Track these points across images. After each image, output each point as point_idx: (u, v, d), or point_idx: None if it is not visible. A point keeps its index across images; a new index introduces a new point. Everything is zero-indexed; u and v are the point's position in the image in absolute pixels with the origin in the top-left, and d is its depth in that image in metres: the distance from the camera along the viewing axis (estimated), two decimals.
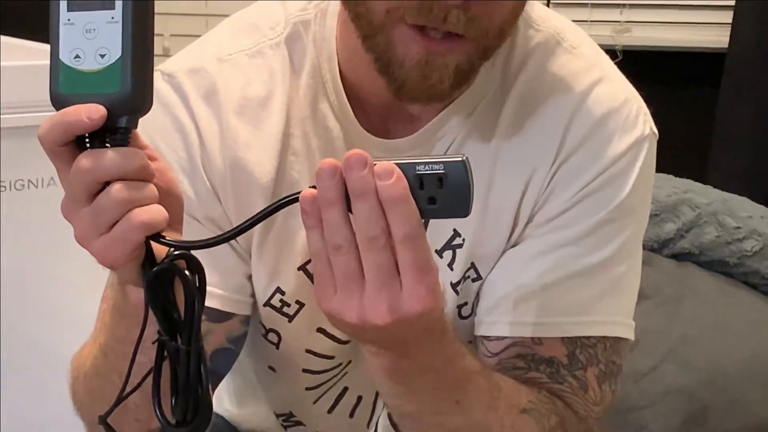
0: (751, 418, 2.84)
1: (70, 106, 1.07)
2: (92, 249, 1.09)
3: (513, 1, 1.32)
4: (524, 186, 1.42)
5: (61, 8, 1.10)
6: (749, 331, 2.93)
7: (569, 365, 1.40)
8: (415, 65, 1.30)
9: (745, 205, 3.08)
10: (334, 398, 1.56)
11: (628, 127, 1.43)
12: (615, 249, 1.42)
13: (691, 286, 2.94)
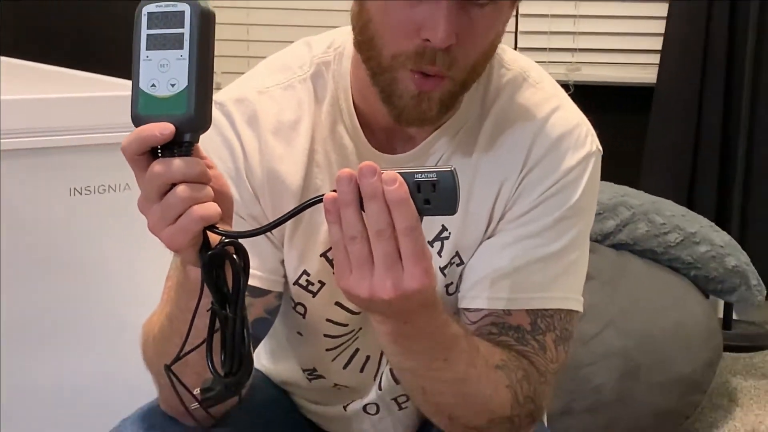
0: (673, 373, 2.87)
1: (146, 124, 1.11)
2: (162, 237, 1.12)
3: (484, 46, 1.33)
4: (497, 191, 1.42)
5: (141, 47, 1.13)
6: (673, 305, 2.98)
7: (532, 331, 1.39)
8: (410, 98, 1.31)
9: (669, 206, 3.14)
10: (348, 357, 1.53)
11: (578, 146, 1.43)
12: (568, 241, 1.42)
13: (627, 269, 2.99)
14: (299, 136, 1.44)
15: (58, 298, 1.80)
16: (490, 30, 1.33)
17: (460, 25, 1.27)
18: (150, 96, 1.14)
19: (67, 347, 1.81)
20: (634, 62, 3.86)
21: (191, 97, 1.13)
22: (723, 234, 3.16)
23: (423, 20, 1.27)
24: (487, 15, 1.29)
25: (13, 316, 1.77)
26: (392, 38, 1.31)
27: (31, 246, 1.78)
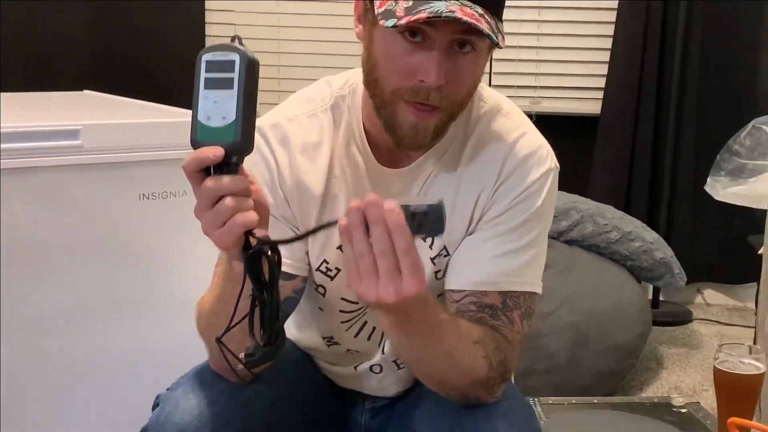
0: (612, 342, 2.86)
1: (202, 148, 1.12)
2: (212, 237, 1.14)
3: (468, 85, 1.34)
4: (476, 199, 1.43)
5: (200, 87, 1.14)
6: (612, 288, 2.97)
7: (503, 308, 1.39)
8: (409, 128, 1.32)
9: (610, 211, 3.13)
10: (358, 328, 1.53)
11: (540, 164, 1.43)
12: (531, 238, 1.42)
13: (577, 261, 2.98)
14: (321, 154, 1.45)
15: (127, 281, 1.80)
16: (472, 72, 1.34)
17: (449, 69, 1.28)
18: (206, 126, 1.15)
19: (134, 320, 1.80)
20: (583, 97, 3.83)
21: (238, 128, 1.14)
22: (652, 233, 3.16)
23: (418, 66, 1.28)
24: (469, 60, 1.31)
25: (92, 295, 1.77)
26: (395, 77, 1.31)
27: (108, 239, 1.78)
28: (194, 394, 1.37)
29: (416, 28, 1.27)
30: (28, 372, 1.72)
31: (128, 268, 1.79)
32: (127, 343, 1.78)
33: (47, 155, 1.69)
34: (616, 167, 3.71)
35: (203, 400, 1.36)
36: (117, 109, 2.00)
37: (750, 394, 1.63)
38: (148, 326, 1.79)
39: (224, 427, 1.35)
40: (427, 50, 1.28)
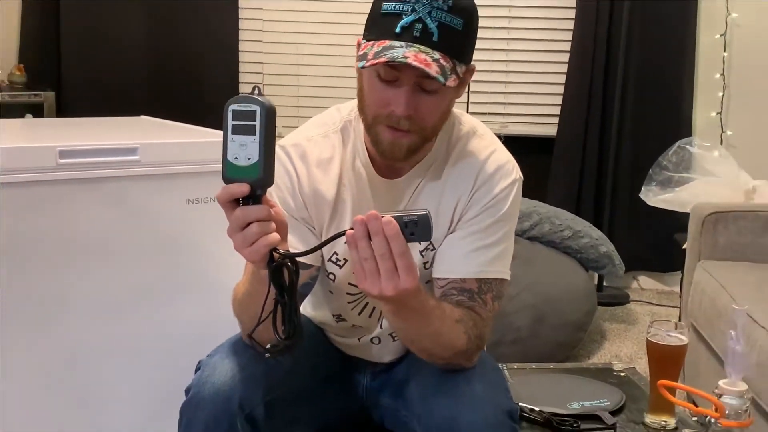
0: (565, 319, 2.86)
1: (231, 184, 1.13)
2: (242, 254, 1.16)
3: (434, 116, 1.34)
4: (456, 203, 1.42)
5: (228, 132, 1.14)
6: (566, 276, 2.98)
7: (479, 292, 1.39)
8: (387, 144, 1.34)
9: (564, 213, 3.14)
10: (362, 307, 1.52)
11: (506, 176, 1.43)
12: (500, 236, 1.41)
13: (537, 254, 2.98)
14: (332, 167, 1.45)
15: (176, 270, 1.79)
16: (437, 105, 1.34)
17: (416, 103, 1.30)
18: (233, 165, 1.15)
19: (181, 302, 1.80)
20: (542, 122, 3.82)
21: (261, 167, 1.14)
22: (597, 231, 3.17)
23: (391, 98, 1.30)
24: (434, 98, 1.32)
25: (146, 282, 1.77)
26: (373, 106, 1.33)
27: (159, 236, 1.77)
28: (228, 360, 1.37)
29: (389, 69, 1.28)
30: (97, 346, 1.72)
31: (176, 259, 1.79)
32: (175, 320, 1.77)
33: (111, 168, 1.70)
34: (569, 179, 3.71)
35: (236, 365, 1.36)
36: (167, 130, 2.00)
37: (675, 362, 1.64)
38: (192, 307, 1.78)
39: (252, 386, 1.35)
40: (397, 87, 1.29)
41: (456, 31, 1.28)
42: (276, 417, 1.40)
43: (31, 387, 1.66)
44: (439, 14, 1.26)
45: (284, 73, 3.78)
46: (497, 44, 3.73)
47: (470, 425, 1.29)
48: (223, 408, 1.32)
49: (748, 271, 2.32)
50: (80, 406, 1.72)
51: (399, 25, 1.26)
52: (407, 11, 1.26)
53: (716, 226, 2.46)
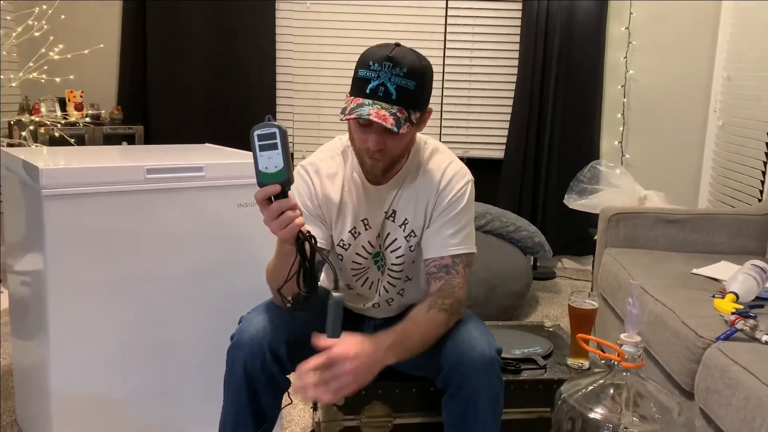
0: (510, 290, 2.85)
1: (265, 187, 1.16)
2: (279, 234, 1.18)
3: (400, 148, 1.35)
4: (426, 204, 1.42)
5: (257, 150, 1.16)
6: (510, 258, 2.94)
7: (452, 265, 1.39)
8: (368, 167, 1.37)
9: (509, 214, 3.11)
10: (364, 280, 1.51)
11: (462, 178, 1.43)
12: (464, 222, 1.42)
13: (490, 243, 2.95)
14: (337, 179, 1.45)
15: (228, 256, 1.77)
16: (401, 142, 1.36)
17: (383, 141, 1.31)
18: (265, 173, 1.16)
19: (233, 278, 1.77)
20: (493, 148, 3.80)
21: (285, 171, 1.16)
22: (533, 226, 3.16)
23: (366, 138, 1.31)
24: (398, 137, 1.32)
25: (206, 265, 1.75)
26: (356, 142, 1.36)
27: (218, 231, 1.75)
28: (261, 315, 1.39)
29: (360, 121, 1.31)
30: (173, 310, 1.71)
31: (230, 247, 1.76)
32: (228, 290, 1.75)
33: (184, 181, 1.68)
34: (512, 189, 3.69)
35: (266, 318, 1.38)
36: (224, 154, 1.99)
37: (589, 321, 1.64)
38: (240, 280, 1.75)
39: (277, 333, 1.37)
40: (370, 130, 1.31)
41: (410, 91, 1.29)
42: (296, 356, 1.39)
43: (126, 339, 1.65)
44: (396, 79, 1.27)
45: (308, 113, 3.77)
46: (461, 92, 3.72)
47: (473, 358, 1.30)
48: (257, 350, 1.34)
49: (641, 256, 2.33)
50: (158, 355, 1.71)
51: (368, 88, 1.28)
52: (373, 77, 1.28)
53: (618, 223, 2.47)
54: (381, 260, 1.50)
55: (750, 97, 3.20)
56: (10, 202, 1.81)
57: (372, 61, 1.28)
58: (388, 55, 1.28)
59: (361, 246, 1.47)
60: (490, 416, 1.32)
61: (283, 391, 1.42)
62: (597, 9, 3.56)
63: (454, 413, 1.33)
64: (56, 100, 3.45)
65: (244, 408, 1.36)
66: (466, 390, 1.31)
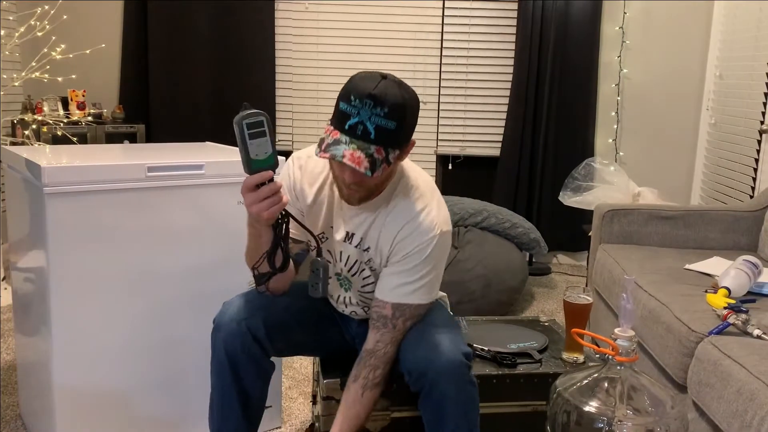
0: (506, 285, 2.84)
1: (258, 173, 1.18)
2: (264, 215, 1.20)
3: (376, 182, 1.29)
4: (391, 241, 1.36)
5: (246, 137, 1.16)
6: (506, 254, 2.94)
7: (392, 318, 1.34)
8: (345, 194, 1.33)
9: (504, 210, 3.11)
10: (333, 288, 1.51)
11: (430, 230, 1.34)
12: (423, 274, 1.34)
13: (486, 239, 2.94)
14: (319, 179, 1.43)
15: (226, 251, 1.75)
16: (378, 178, 1.28)
17: (360, 177, 1.26)
18: (256, 160, 1.17)
19: (229, 271, 1.77)
20: (490, 146, 3.78)
21: (274, 156, 1.19)
22: (529, 223, 3.16)
23: (342, 170, 1.26)
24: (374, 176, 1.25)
25: (208, 258, 1.74)
26: (333, 172, 1.33)
27: (218, 227, 1.75)
28: (239, 299, 1.42)
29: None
30: (174, 303, 1.71)
31: (228, 243, 1.76)
32: (224, 284, 1.74)
33: (184, 179, 1.68)
34: (509, 186, 3.67)
35: (244, 301, 1.41)
36: (223, 152, 1.98)
37: (584, 315, 1.64)
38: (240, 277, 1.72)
39: (255, 314, 1.38)
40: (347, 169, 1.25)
41: (390, 131, 1.21)
42: (277, 341, 1.41)
43: (128, 334, 1.65)
44: (376, 119, 1.20)
45: (308, 111, 3.76)
46: (457, 91, 3.71)
47: (439, 365, 1.29)
48: (236, 330, 1.36)
49: (635, 251, 2.33)
50: (158, 351, 1.71)
51: (347, 124, 1.21)
52: (354, 114, 1.21)
53: (612, 219, 2.46)
54: (344, 281, 1.48)
55: (741, 95, 3.20)
56: (13, 200, 1.81)
57: (354, 96, 1.20)
58: (370, 92, 1.19)
59: (327, 251, 1.46)
60: (463, 420, 1.31)
61: (267, 373, 1.43)
62: (591, 9, 3.55)
63: (428, 417, 1.33)
64: (59, 99, 3.44)
65: (228, 388, 1.38)
66: (434, 396, 1.30)
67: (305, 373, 2.31)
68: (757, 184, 2.96)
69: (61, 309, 1.55)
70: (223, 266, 1.75)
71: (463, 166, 3.70)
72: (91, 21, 3.61)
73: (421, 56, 3.69)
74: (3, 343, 2.42)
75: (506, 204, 3.56)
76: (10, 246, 1.89)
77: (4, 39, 2.83)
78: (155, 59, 3.61)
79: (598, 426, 1.20)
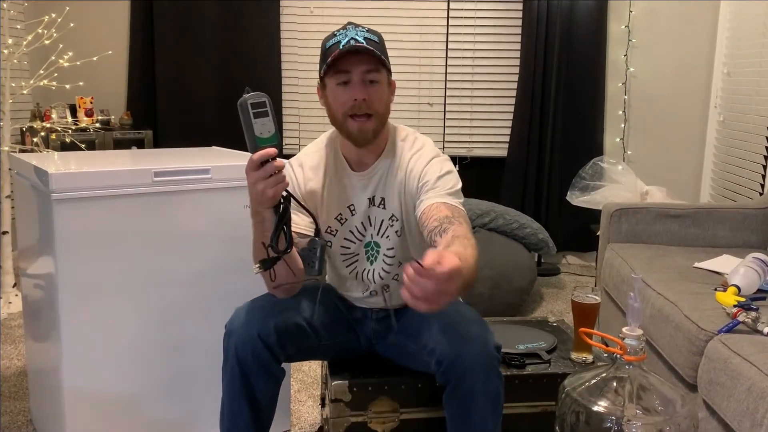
0: (514, 286, 2.84)
1: (265, 149, 1.21)
2: (267, 194, 1.22)
3: (381, 99, 1.38)
4: (405, 181, 1.42)
5: (252, 119, 1.21)
6: (514, 255, 2.93)
7: (453, 216, 1.33)
8: (357, 131, 1.38)
9: (512, 211, 3.10)
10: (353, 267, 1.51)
11: (431, 152, 1.44)
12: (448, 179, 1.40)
13: (494, 240, 2.94)
14: (320, 170, 1.48)
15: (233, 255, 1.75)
16: (382, 92, 1.39)
17: (366, 91, 1.36)
18: (261, 138, 1.22)
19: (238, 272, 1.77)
20: (496, 147, 3.78)
21: (277, 136, 1.22)
22: (537, 223, 3.14)
23: (350, 92, 1.34)
24: (378, 87, 1.38)
25: (214, 261, 1.75)
26: (340, 108, 1.37)
27: (224, 231, 1.75)
28: (250, 305, 1.43)
29: (342, 78, 1.35)
30: (181, 306, 1.71)
31: (235, 246, 1.75)
32: (231, 287, 1.73)
33: (191, 183, 1.69)
34: (516, 186, 3.68)
35: (256, 307, 1.42)
36: (230, 156, 1.99)
37: (592, 315, 1.64)
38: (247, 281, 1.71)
39: (265, 320, 1.38)
40: (352, 85, 1.35)
41: (376, 42, 1.37)
42: (288, 346, 1.41)
43: (136, 338, 1.66)
44: (362, 34, 1.36)
45: (314, 115, 3.77)
46: (463, 93, 3.71)
47: (471, 355, 1.29)
48: (247, 336, 1.36)
49: (643, 250, 2.31)
50: (167, 354, 1.72)
51: (340, 45, 1.34)
52: (343, 36, 1.36)
53: (620, 218, 2.46)
54: (372, 248, 1.50)
55: (750, 92, 3.18)
56: (22, 206, 1.82)
57: (336, 31, 1.38)
58: (348, 22, 1.40)
59: (349, 231, 1.49)
60: (490, 413, 1.30)
61: (278, 380, 1.42)
62: (597, 8, 3.54)
63: (454, 411, 1.32)
64: (67, 106, 3.47)
65: (239, 395, 1.38)
66: (464, 388, 1.29)
67: (314, 375, 2.31)
68: (766, 181, 2.94)
69: (69, 314, 1.56)
70: (230, 270, 1.76)
71: (471, 168, 3.70)
72: (99, 28, 3.64)
73: (427, 58, 3.69)
74: (14, 349, 2.44)
75: (514, 205, 3.55)
76: (20, 252, 1.90)
77: (13, 47, 2.86)
78: (162, 65, 3.64)
79: (607, 426, 1.19)
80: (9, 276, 2.93)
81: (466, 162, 3.69)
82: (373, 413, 1.52)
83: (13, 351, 2.43)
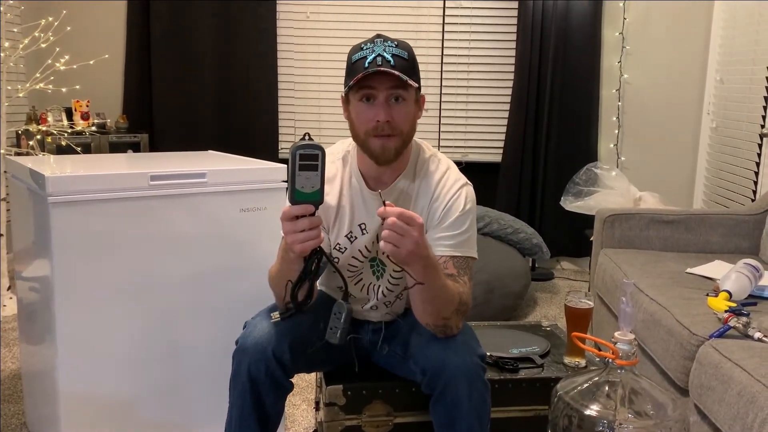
0: (508, 290, 2.85)
1: (300, 205, 1.17)
2: (296, 248, 1.19)
3: (406, 119, 1.33)
4: (422, 209, 1.40)
5: (296, 168, 1.15)
6: (509, 260, 2.95)
7: (457, 275, 1.35)
8: (379, 150, 1.33)
9: (507, 216, 3.13)
10: (359, 281, 1.50)
11: (456, 184, 1.42)
12: (465, 227, 1.40)
13: (489, 245, 2.95)
14: (335, 184, 1.44)
15: (231, 259, 1.76)
16: (406, 112, 1.34)
17: (391, 111, 1.30)
18: (301, 192, 1.17)
19: (236, 281, 1.77)
20: (491, 153, 3.80)
21: (321, 193, 1.17)
22: (531, 228, 3.17)
23: (374, 112, 1.30)
24: (403, 106, 1.32)
25: (209, 267, 1.74)
26: (362, 125, 1.33)
27: (220, 235, 1.75)
28: (266, 321, 1.39)
29: (366, 94, 1.30)
30: (176, 310, 1.71)
31: (232, 251, 1.76)
32: (231, 294, 1.75)
33: (187, 187, 1.68)
34: (510, 192, 3.70)
35: (270, 324, 1.38)
36: (226, 160, 1.99)
37: (585, 320, 1.64)
38: (243, 284, 1.75)
39: (281, 339, 1.36)
40: (376, 104, 1.31)
41: (405, 59, 1.31)
42: (299, 360, 1.40)
43: (132, 342, 1.66)
44: (390, 49, 1.30)
45: (310, 119, 3.79)
46: (458, 98, 3.73)
47: (455, 364, 1.29)
48: (261, 355, 1.34)
49: (636, 256, 2.33)
50: (163, 358, 1.72)
51: (366, 62, 1.29)
52: (369, 51, 1.29)
53: (613, 224, 2.47)
54: (377, 265, 1.49)
55: (742, 99, 3.21)
56: (18, 209, 1.82)
57: (363, 43, 1.32)
58: (377, 34, 1.33)
59: (357, 250, 1.46)
60: (476, 422, 1.30)
61: (287, 392, 1.41)
62: (591, 15, 3.57)
63: (440, 419, 1.32)
64: (63, 109, 3.47)
65: (248, 410, 1.36)
66: (449, 396, 1.29)
67: (308, 379, 2.31)
68: (758, 187, 2.96)
69: (65, 317, 1.55)
70: (226, 274, 1.76)
71: (465, 173, 3.65)
72: (95, 32, 3.65)
73: (422, 63, 3.66)
74: (9, 352, 2.44)
75: (508, 210, 3.56)
76: (15, 255, 1.90)
77: (9, 50, 2.86)
78: (158, 69, 3.64)
79: (599, 429, 1.20)
80: (4, 279, 2.93)
81: (461, 167, 3.69)
82: (367, 417, 1.52)
83: (8, 354, 2.42)
